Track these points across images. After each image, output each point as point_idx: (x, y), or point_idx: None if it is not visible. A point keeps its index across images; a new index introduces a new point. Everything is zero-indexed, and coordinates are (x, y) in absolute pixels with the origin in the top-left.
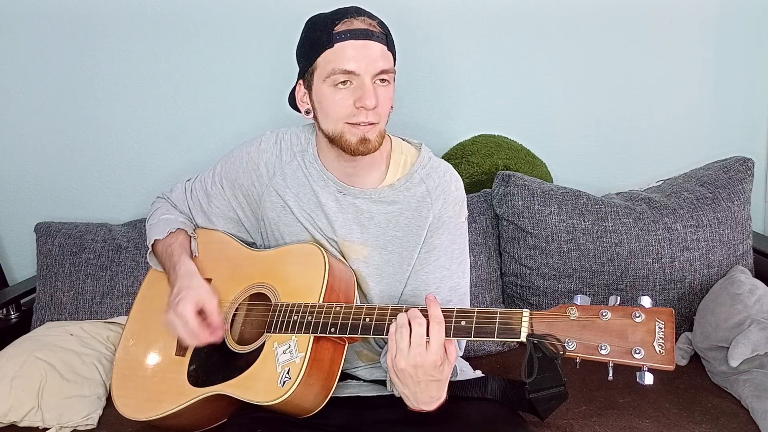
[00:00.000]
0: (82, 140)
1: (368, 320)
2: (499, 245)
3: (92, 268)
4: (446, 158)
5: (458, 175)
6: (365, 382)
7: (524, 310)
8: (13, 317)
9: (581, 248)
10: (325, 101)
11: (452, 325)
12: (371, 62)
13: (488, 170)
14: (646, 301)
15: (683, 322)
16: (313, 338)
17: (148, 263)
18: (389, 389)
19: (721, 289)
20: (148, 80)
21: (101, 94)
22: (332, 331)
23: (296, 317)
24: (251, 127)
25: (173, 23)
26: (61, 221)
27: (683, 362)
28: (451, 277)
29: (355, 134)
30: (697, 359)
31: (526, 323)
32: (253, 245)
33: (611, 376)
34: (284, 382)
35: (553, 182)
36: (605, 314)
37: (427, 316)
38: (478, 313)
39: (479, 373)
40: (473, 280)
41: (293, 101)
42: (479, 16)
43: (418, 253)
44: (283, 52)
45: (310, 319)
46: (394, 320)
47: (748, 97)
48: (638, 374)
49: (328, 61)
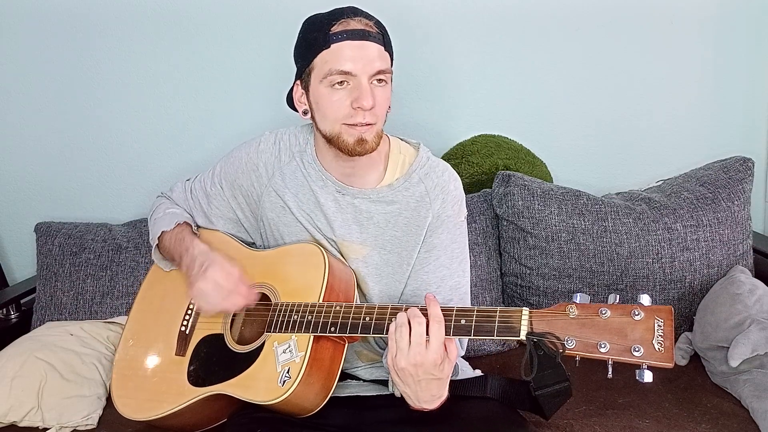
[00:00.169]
0: (82, 140)
1: (368, 319)
2: (499, 245)
3: (92, 268)
4: (446, 158)
5: (457, 174)
6: (365, 381)
7: (524, 308)
8: (13, 317)
9: (581, 248)
10: (322, 102)
11: (452, 323)
12: (368, 63)
13: (488, 170)
14: (645, 299)
15: (683, 322)
16: (313, 338)
17: (148, 263)
18: (391, 390)
19: (721, 289)
20: (148, 80)
21: (101, 94)
22: (332, 330)
23: (296, 317)
24: (251, 127)
25: (173, 23)
26: (61, 221)
27: (683, 362)
28: (451, 276)
29: (352, 135)
30: (697, 359)
31: (525, 321)
32: (252, 245)
33: (611, 374)
34: (284, 381)
35: (553, 182)
36: (604, 312)
37: (426, 315)
38: (477, 311)
39: (479, 372)
40: (473, 280)
41: (291, 101)
42: (479, 16)
43: (417, 252)
44: (282, 52)
45: (310, 318)
46: (393, 319)
47: (748, 97)
48: (638, 372)
49: (324, 61)
